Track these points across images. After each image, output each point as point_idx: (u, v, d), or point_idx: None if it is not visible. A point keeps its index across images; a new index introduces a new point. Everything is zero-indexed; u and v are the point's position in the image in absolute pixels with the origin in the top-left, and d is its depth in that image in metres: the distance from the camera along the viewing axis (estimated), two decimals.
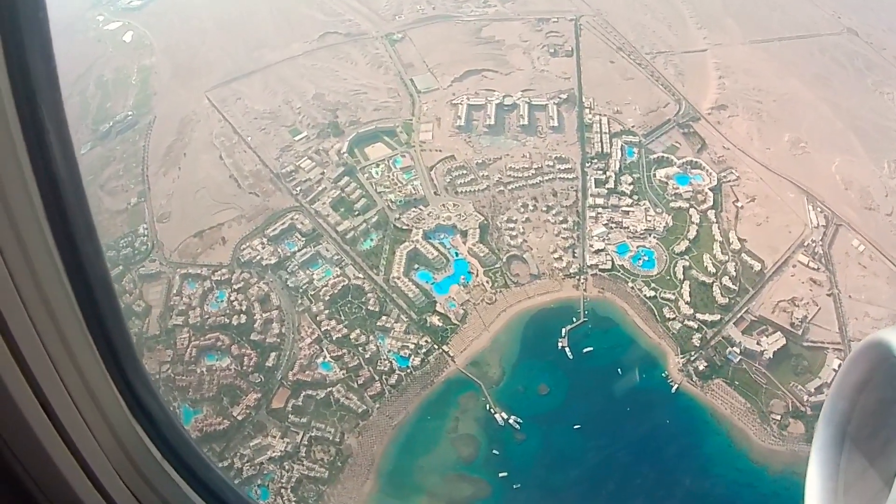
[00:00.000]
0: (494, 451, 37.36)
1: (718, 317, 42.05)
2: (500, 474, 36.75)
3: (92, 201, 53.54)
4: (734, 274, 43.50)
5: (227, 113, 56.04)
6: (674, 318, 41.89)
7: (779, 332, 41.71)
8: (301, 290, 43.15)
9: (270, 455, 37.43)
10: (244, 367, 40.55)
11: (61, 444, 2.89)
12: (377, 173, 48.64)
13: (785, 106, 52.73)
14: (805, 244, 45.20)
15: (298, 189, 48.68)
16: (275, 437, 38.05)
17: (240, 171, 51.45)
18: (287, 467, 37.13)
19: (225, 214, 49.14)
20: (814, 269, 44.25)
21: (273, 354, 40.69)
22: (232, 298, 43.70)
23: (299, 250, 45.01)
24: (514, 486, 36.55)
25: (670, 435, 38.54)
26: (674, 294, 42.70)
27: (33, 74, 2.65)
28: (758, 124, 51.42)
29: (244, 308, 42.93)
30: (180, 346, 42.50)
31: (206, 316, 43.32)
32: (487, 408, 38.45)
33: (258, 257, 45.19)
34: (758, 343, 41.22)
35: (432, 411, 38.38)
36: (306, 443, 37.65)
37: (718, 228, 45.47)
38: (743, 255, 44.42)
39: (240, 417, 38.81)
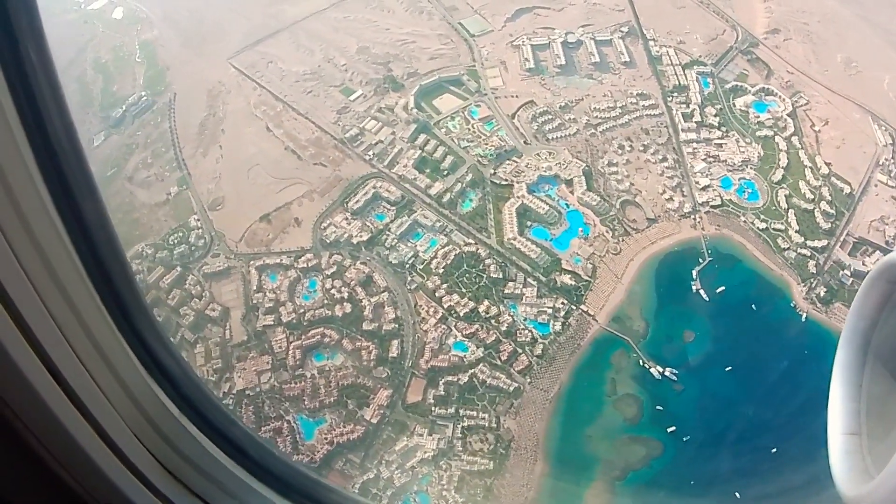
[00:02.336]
0: (658, 407, 28.85)
1: (825, 242, 34.42)
2: (669, 429, 28.46)
3: (122, 197, 38.44)
4: (829, 198, 35.65)
5: (262, 79, 41.12)
6: (788, 248, 33.90)
7: (878, 251, 34.69)
8: (408, 266, 31.57)
9: (422, 456, 27.16)
10: (364, 363, 29.29)
11: (74, 410, 2.24)
12: (455, 127, 36.42)
13: (829, 26, 43.99)
14: (880, 163, 37.73)
15: (371, 153, 35.83)
16: (421, 435, 27.64)
17: (295, 141, 37.61)
18: (444, 466, 27.09)
19: (291, 192, 35.79)
20: (893, 187, 37.03)
21: (395, 343, 29.53)
22: (327, 286, 31.57)
23: (392, 221, 32.97)
24: (685, 439, 28.44)
25: (812, 364, 31.26)
26: (782, 224, 34.51)
27: (24, 55, 2.01)
28: (811, 46, 42.56)
29: (346, 295, 31.04)
30: (279, 349, 30.52)
31: (302, 310, 31.20)
32: (641, 363, 29.56)
33: (345, 235, 32.86)
34: (863, 263, 34.09)
35: (586, 376, 29.15)
36: (460, 435, 27.58)
37: (805, 154, 37.16)
38: (832, 178, 36.51)
39: (374, 420, 27.98)
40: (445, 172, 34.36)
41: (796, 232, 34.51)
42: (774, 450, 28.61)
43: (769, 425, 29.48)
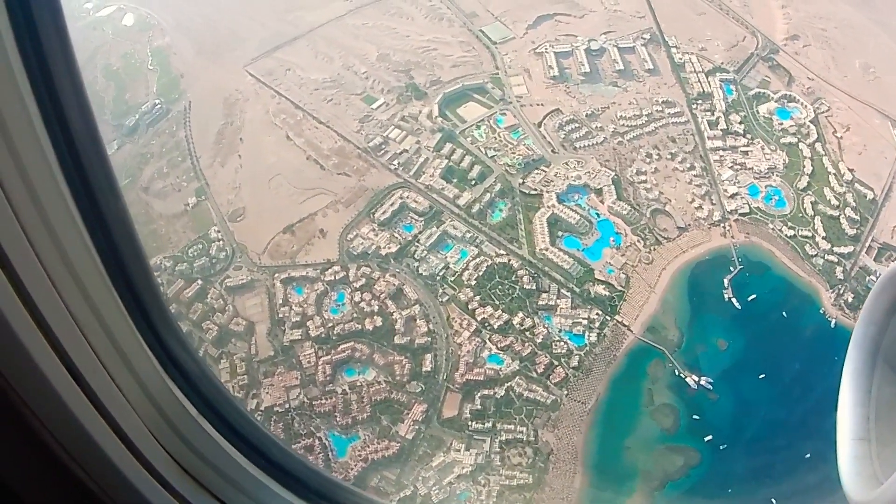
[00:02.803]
0: (695, 416, 28.78)
1: (851, 248, 34.54)
2: (706, 438, 28.42)
3: (137, 207, 37.83)
4: (854, 204, 35.84)
5: (280, 87, 40.69)
6: (815, 255, 33.97)
7: None
8: (438, 278, 31.28)
9: (459, 472, 26.85)
10: (397, 378, 28.92)
11: (91, 408, 2.22)
12: (481, 135, 36.20)
13: (845, 32, 44.26)
14: None
15: (396, 163, 35.53)
16: (458, 450, 27.32)
17: (317, 150, 37.22)
18: (483, 482, 26.81)
19: (315, 202, 35.38)
20: None
21: (428, 357, 29.19)
22: (356, 299, 31.15)
23: (420, 232, 32.64)
24: (721, 447, 28.42)
25: (841, 370, 31.35)
26: (809, 230, 34.59)
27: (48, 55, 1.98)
28: (830, 52, 42.78)
29: (375, 308, 30.65)
30: (307, 364, 30.04)
31: (330, 324, 30.75)
32: (676, 373, 29.48)
33: (373, 247, 32.49)
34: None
35: (623, 387, 29.03)
36: (497, 449, 27.29)
37: (829, 160, 37.29)
38: (855, 184, 36.68)
39: (409, 436, 27.62)
40: (473, 182, 34.11)
41: (823, 238, 34.62)
42: (808, 455, 28.73)
43: (802, 431, 29.56)
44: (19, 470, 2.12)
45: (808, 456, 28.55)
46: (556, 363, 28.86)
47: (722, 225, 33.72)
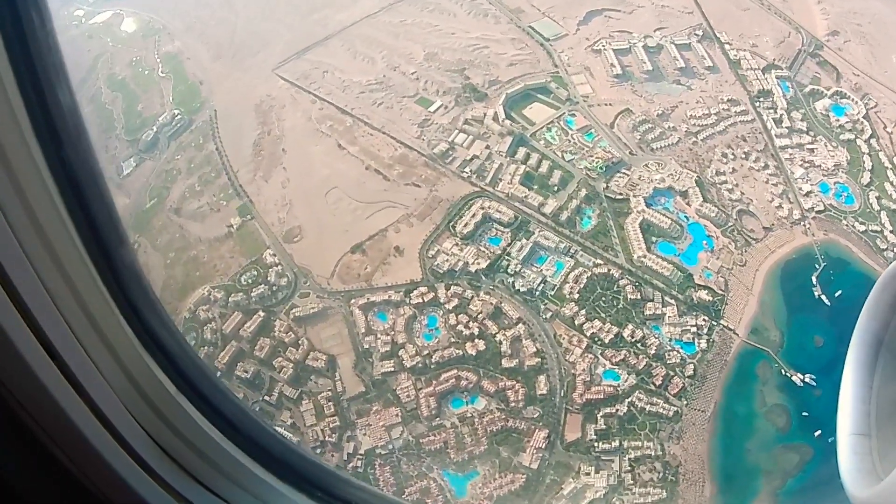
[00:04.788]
0: (804, 414, 32.95)
1: None
2: (816, 433, 32.63)
3: (170, 232, 38.23)
4: None
5: (320, 90, 42.26)
6: (886, 248, 39.50)
7: None
8: (538, 293, 33.81)
9: (592, 496, 29.47)
10: (512, 404, 31.19)
11: (67, 385, 2.46)
12: (553, 138, 39.34)
13: (879, 27, 51.34)
14: None
15: (468, 170, 37.96)
16: (588, 473, 29.89)
17: (377, 159, 38.95)
18: (618, 503, 29.37)
19: (383, 217, 37.04)
20: None
21: (541, 378, 31.66)
22: (451, 322, 33.11)
23: (510, 245, 35.10)
24: (830, 440, 32.73)
25: None
26: (878, 225, 40.18)
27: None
28: (869, 48, 49.54)
29: (475, 331, 32.76)
30: (407, 399, 31.68)
31: (426, 352, 32.55)
32: (783, 372, 33.65)
33: (459, 263, 34.63)
34: None
35: (737, 391, 32.95)
36: (627, 468, 30.08)
37: (885, 155, 43.37)
38: None
39: (533, 465, 29.90)
40: (556, 188, 37.09)
41: (891, 232, 40.35)
42: None
43: None
44: None
45: None
46: (672, 374, 32.17)
47: (802, 223, 38.64)
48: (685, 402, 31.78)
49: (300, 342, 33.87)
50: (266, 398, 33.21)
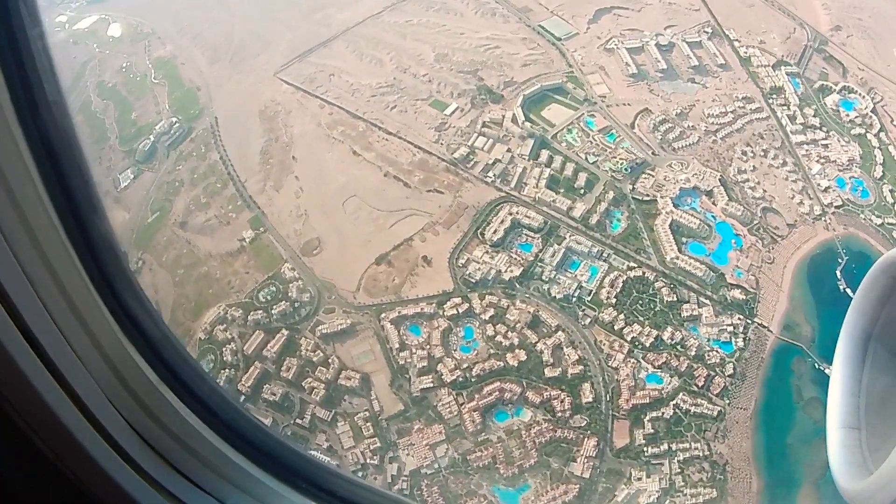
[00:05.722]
0: None
1: None
2: None
3: (178, 247, 38.83)
4: None
5: (328, 94, 43.44)
6: None
7: None
8: (574, 299, 35.64)
9: (646, 501, 31.28)
10: (558, 414, 32.84)
11: (45, 372, 2.59)
12: (575, 140, 41.47)
13: (879, 20, 55.68)
14: None
15: (491, 174, 39.70)
16: (640, 478, 31.80)
17: (395, 165, 40.31)
18: None
19: (407, 226, 38.38)
20: None
21: (586, 386, 33.44)
22: (489, 333, 34.64)
23: (541, 251, 36.90)
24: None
25: None
26: (893, 218, 43.68)
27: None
28: (870, 42, 53.69)
29: (515, 341, 34.38)
30: (449, 415, 33.06)
31: (465, 365, 34.00)
32: (816, 366, 36.43)
33: (492, 271, 36.23)
34: None
35: (775, 387, 35.63)
36: (678, 470, 32.10)
37: (894, 149, 47.20)
38: None
39: (585, 474, 31.65)
40: (582, 191, 39.16)
41: None
42: None
43: None
44: None
45: None
46: (713, 374, 34.47)
47: (823, 219, 41.83)
48: (727, 401, 34.11)
49: (330, 361, 34.75)
50: (298, 421, 33.92)
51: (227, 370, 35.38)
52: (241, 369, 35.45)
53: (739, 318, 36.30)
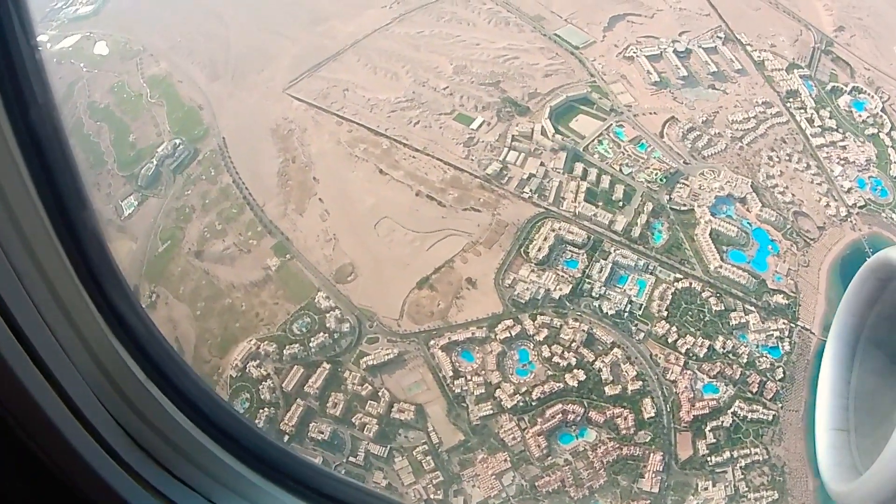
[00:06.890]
0: None
1: None
2: None
3: (195, 279, 40.17)
4: None
5: (344, 111, 45.57)
6: None
7: None
8: (626, 314, 38.72)
9: None
10: (622, 431, 35.67)
11: (33, 367, 2.90)
12: (606, 151, 44.86)
13: (877, 19, 61.79)
14: None
15: (527, 190, 42.56)
16: (706, 488, 34.96)
17: (426, 183, 42.69)
18: None
19: (446, 247, 40.76)
20: None
21: (646, 402, 36.45)
22: (545, 354, 37.32)
23: (588, 266, 39.89)
24: None
25: None
26: None
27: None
28: (872, 41, 59.60)
29: (572, 361, 37.10)
30: (513, 441, 35.48)
31: (525, 389, 36.48)
32: None
33: (541, 290, 38.95)
34: None
35: None
36: (740, 476, 35.45)
37: None
38: None
39: (655, 489, 34.61)
40: (621, 204, 42.48)
41: None
42: None
43: None
44: None
45: None
46: (765, 379, 38.11)
47: (849, 220, 46.58)
48: (780, 405, 37.83)
49: (380, 394, 36.52)
50: (351, 459, 35.52)
51: (266, 409, 36.56)
52: (281, 408, 36.75)
53: (784, 323, 40.22)
